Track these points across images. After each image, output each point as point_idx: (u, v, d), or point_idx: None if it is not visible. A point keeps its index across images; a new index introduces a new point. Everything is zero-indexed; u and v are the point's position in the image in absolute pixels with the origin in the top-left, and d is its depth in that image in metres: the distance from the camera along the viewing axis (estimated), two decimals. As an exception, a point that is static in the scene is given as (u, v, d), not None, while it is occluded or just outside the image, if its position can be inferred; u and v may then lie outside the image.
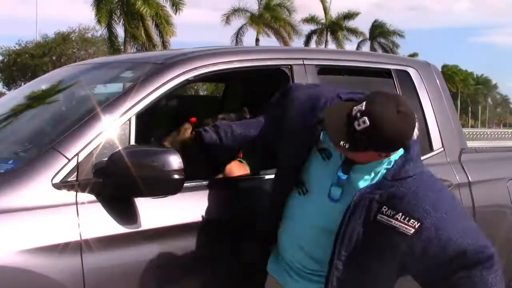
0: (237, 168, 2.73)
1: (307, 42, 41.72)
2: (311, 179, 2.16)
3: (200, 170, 2.51)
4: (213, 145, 2.44)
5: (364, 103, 1.91)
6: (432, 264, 1.91)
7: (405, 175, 1.98)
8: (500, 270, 1.95)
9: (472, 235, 1.94)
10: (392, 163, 2.01)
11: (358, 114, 1.89)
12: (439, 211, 1.92)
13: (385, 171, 2.01)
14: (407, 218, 1.89)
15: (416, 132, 1.99)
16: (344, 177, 2.04)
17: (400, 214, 1.90)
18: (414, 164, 2.02)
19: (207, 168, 2.63)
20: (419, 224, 1.88)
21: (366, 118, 1.87)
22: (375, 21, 46.62)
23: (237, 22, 36.68)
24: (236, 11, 36.25)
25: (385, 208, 1.93)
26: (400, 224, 1.89)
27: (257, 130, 2.44)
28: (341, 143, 1.92)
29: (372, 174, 2.01)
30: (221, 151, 2.52)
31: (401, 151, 2.03)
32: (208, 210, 2.44)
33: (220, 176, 2.72)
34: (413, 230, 1.88)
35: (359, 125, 1.88)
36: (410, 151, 2.04)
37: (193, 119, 2.81)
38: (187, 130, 2.74)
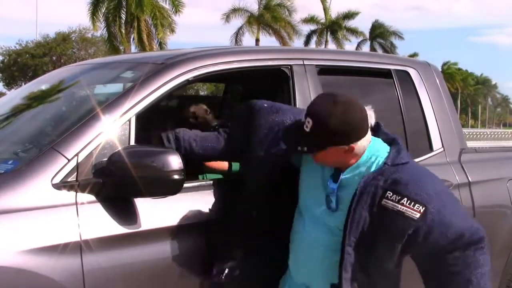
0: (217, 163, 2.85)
1: (307, 42, 41.72)
2: (308, 206, 2.25)
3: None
4: None
5: (307, 106, 2.11)
6: (432, 245, 2.02)
7: (403, 161, 2.10)
8: (487, 250, 2.07)
9: (467, 218, 2.09)
10: (378, 156, 2.12)
11: (304, 118, 2.10)
12: (439, 195, 2.05)
13: (380, 160, 2.11)
14: (412, 203, 1.99)
15: (370, 115, 2.14)
16: (335, 185, 2.15)
17: (405, 199, 2.00)
18: (405, 153, 2.14)
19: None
20: (424, 208, 1.99)
21: (309, 118, 2.07)
22: (375, 21, 46.63)
23: (237, 21, 36.72)
24: (236, 10, 36.23)
25: (389, 194, 2.02)
26: (406, 208, 1.99)
27: (214, 149, 2.49)
28: (299, 148, 2.10)
29: (362, 170, 2.11)
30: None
31: (376, 141, 2.16)
32: (208, 211, 2.44)
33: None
34: (418, 214, 1.98)
35: (306, 126, 2.07)
36: (397, 141, 2.17)
37: None
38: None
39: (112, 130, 2.32)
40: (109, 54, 28.23)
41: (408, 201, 1.99)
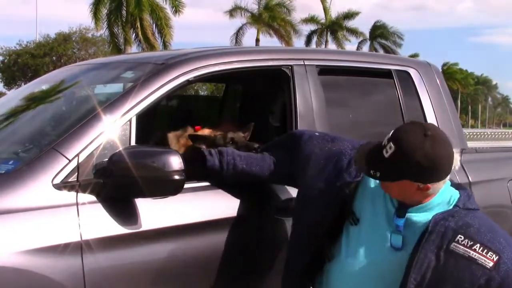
0: None
1: (307, 42, 41.72)
2: (357, 246, 2.08)
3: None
4: (212, 171, 2.45)
5: (392, 131, 1.93)
6: None
7: (474, 207, 1.99)
8: None
9: None
10: (451, 199, 2.00)
11: (386, 142, 1.92)
12: (511, 244, 1.92)
13: (452, 202, 1.99)
14: (486, 250, 1.86)
15: (456, 158, 1.96)
16: (401, 222, 1.99)
17: (478, 245, 1.87)
18: (474, 199, 2.03)
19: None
20: (497, 257, 1.86)
21: (391, 144, 1.89)
22: (376, 22, 46.60)
23: (237, 21, 36.69)
24: (236, 8, 36.22)
25: (460, 237, 1.89)
26: (479, 255, 1.86)
27: (259, 169, 2.44)
28: (371, 172, 1.94)
29: (430, 212, 1.98)
30: (218, 179, 2.49)
31: (447, 184, 2.02)
32: (208, 211, 2.44)
33: None
34: (492, 263, 1.85)
35: (386, 152, 1.90)
36: (466, 187, 2.07)
37: (198, 128, 2.81)
38: (180, 138, 2.76)
39: (113, 130, 2.32)
40: (112, 54, 28.20)
41: (481, 248, 1.86)
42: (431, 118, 3.29)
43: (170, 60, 2.66)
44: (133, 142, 2.36)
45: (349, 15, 42.20)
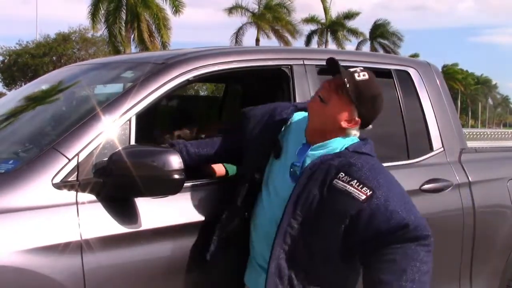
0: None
1: (307, 42, 41.72)
2: (272, 177, 2.31)
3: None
4: None
5: (358, 68, 2.28)
6: (374, 231, 2.02)
7: (365, 151, 2.17)
8: (432, 253, 2.04)
9: (416, 213, 2.06)
10: (343, 145, 2.19)
11: (359, 70, 2.24)
12: (390, 186, 2.08)
13: (343, 146, 2.18)
14: (361, 185, 2.05)
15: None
16: (302, 156, 2.21)
17: (355, 181, 2.06)
18: (370, 147, 2.21)
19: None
20: (371, 192, 2.03)
21: (366, 73, 2.22)
22: (376, 22, 46.58)
23: (238, 21, 36.71)
24: (237, 7, 36.21)
25: (341, 175, 2.08)
26: (354, 189, 2.04)
27: (210, 149, 2.51)
28: (345, 80, 2.18)
29: (328, 150, 2.19)
30: None
31: (355, 139, 2.24)
32: (208, 210, 2.44)
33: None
34: (364, 196, 2.03)
35: (359, 76, 2.20)
36: (368, 140, 2.25)
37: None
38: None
39: (113, 130, 2.32)
40: (111, 55, 28.21)
41: (358, 183, 2.04)
42: (430, 118, 3.30)
43: (170, 60, 2.66)
44: (132, 142, 2.36)
45: (349, 15, 42.21)
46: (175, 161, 2.18)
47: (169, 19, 29.89)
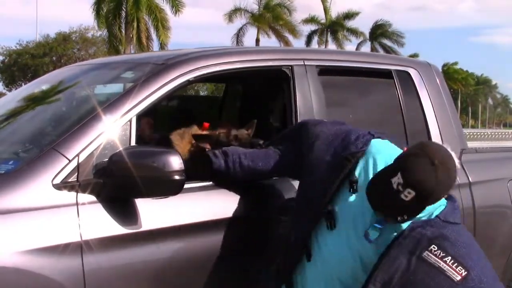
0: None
1: (308, 43, 41.71)
2: (341, 212, 2.15)
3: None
4: (219, 172, 2.44)
5: (399, 173, 1.92)
6: None
7: (454, 221, 2.02)
8: None
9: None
10: (434, 211, 2.03)
11: (400, 188, 1.91)
12: (483, 264, 1.96)
13: (435, 213, 2.03)
14: (456, 264, 1.90)
15: (456, 162, 2.01)
16: (381, 220, 2.03)
17: (450, 258, 1.91)
18: (458, 213, 2.07)
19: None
20: (466, 273, 1.90)
21: (409, 189, 1.89)
22: (376, 22, 46.56)
23: (238, 22, 36.67)
24: (236, 10, 36.19)
25: (434, 247, 1.93)
26: (448, 268, 1.90)
27: (265, 163, 2.44)
28: (399, 218, 1.95)
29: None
30: (225, 179, 2.49)
31: (443, 201, 2.07)
32: (209, 211, 2.44)
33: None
34: (459, 277, 1.89)
35: (406, 196, 1.90)
36: (454, 198, 2.10)
37: (206, 125, 2.79)
38: (184, 136, 2.72)
39: (113, 131, 2.32)
40: (110, 55, 28.20)
41: (452, 261, 1.90)
42: (431, 118, 3.29)
43: (170, 60, 2.66)
44: (133, 142, 2.36)
45: (350, 15, 42.18)
46: (176, 162, 2.17)
47: (168, 19, 29.89)
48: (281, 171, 2.50)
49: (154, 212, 2.29)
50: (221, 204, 2.51)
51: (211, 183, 2.54)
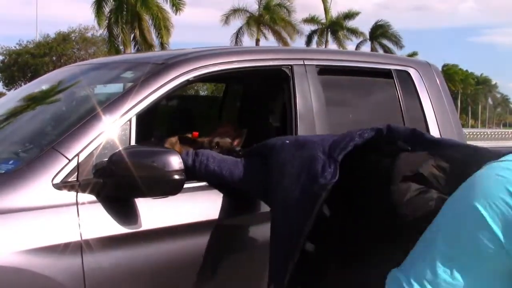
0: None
1: (308, 42, 41.73)
2: None
3: None
4: (186, 170, 2.34)
5: None
6: None
7: None
8: None
9: None
10: None
11: None
12: None
13: None
14: None
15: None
16: None
17: None
18: None
19: None
20: None
21: None
22: (376, 22, 46.56)
23: (237, 22, 36.67)
24: (236, 11, 36.18)
25: None
26: None
27: (230, 172, 2.37)
28: None
29: None
30: (191, 178, 2.41)
31: None
32: (208, 211, 2.44)
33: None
34: None
35: None
36: None
37: (195, 134, 2.83)
38: (175, 145, 2.79)
39: (113, 130, 2.32)
40: (110, 54, 28.21)
41: None
42: (431, 118, 3.29)
43: (170, 60, 2.66)
44: (133, 142, 2.36)
45: (350, 15, 42.22)
46: (175, 162, 2.18)
47: (169, 19, 29.90)
48: (244, 186, 2.42)
49: (154, 212, 2.29)
50: (222, 204, 2.51)
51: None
